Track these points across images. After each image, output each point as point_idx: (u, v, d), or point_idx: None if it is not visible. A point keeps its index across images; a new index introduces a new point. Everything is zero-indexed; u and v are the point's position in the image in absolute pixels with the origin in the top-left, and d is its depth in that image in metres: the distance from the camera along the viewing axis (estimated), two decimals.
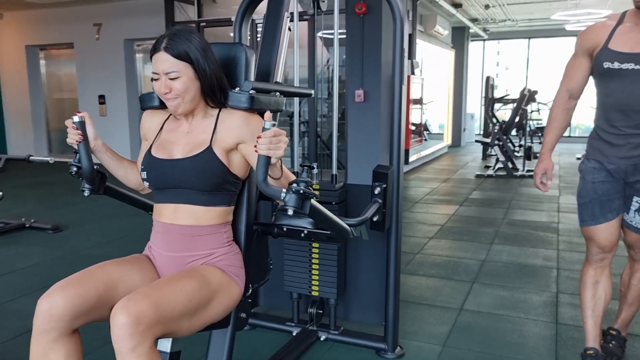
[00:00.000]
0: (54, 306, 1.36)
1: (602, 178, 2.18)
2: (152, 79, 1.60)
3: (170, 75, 1.55)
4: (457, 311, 2.98)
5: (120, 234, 4.59)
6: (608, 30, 2.09)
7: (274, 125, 1.36)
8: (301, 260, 2.56)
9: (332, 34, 3.00)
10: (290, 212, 1.43)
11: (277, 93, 1.78)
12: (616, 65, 2.03)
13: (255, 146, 1.36)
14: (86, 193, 1.74)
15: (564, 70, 2.29)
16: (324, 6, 2.50)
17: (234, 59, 1.79)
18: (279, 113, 1.88)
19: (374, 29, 6.76)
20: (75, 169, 1.72)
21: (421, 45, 8.80)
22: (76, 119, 1.63)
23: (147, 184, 1.64)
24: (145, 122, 1.75)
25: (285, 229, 1.82)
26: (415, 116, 8.67)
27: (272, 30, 2.09)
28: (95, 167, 1.71)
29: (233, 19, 7.98)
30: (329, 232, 1.77)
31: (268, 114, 1.37)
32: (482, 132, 12.46)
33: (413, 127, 8.47)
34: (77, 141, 1.63)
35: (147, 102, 1.75)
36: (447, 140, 11.37)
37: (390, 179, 2.24)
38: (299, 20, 2.39)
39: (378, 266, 2.60)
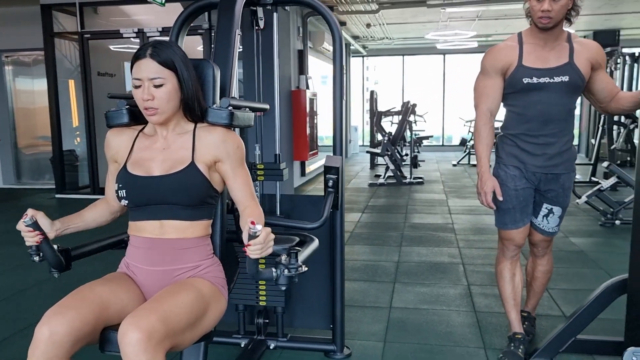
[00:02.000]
0: (55, 332, 1.30)
1: (523, 185, 2.43)
2: (133, 87, 1.58)
3: (155, 81, 1.55)
4: (387, 310, 3.19)
5: (12, 262, 4.22)
6: (516, 50, 2.36)
7: (260, 230, 1.38)
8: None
9: None
10: (283, 288, 1.55)
11: (247, 109, 1.84)
12: (534, 80, 2.30)
13: (245, 250, 1.39)
14: (57, 275, 1.64)
15: (477, 91, 2.46)
16: (261, 24, 2.58)
17: (201, 75, 1.82)
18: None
19: (269, 45, 6.93)
20: (37, 258, 1.60)
21: (311, 61, 9.12)
22: (28, 221, 1.52)
23: (126, 202, 1.61)
24: (113, 141, 1.71)
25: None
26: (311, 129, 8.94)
27: (224, 47, 2.13)
28: (57, 248, 1.61)
29: (122, 30, 7.63)
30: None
31: (253, 221, 1.37)
32: (364, 144, 13.15)
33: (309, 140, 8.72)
34: (37, 242, 1.53)
35: (115, 119, 1.71)
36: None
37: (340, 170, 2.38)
38: (192, 35, 2.42)
39: (320, 272, 2.71)
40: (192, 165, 1.60)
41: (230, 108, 1.69)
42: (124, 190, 1.60)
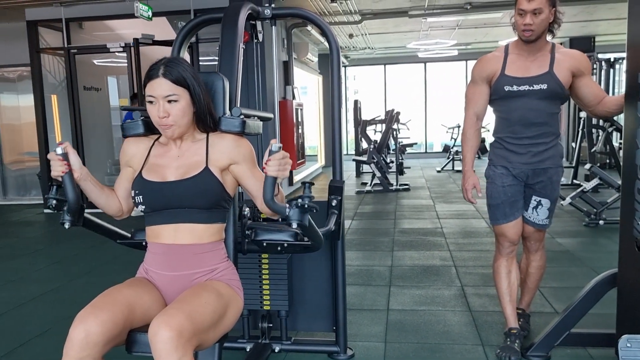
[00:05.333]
0: (91, 332, 1.36)
1: (510, 182, 2.59)
2: (147, 102, 1.66)
3: (169, 97, 1.62)
4: (385, 312, 3.28)
5: (3, 278, 4.21)
6: (500, 61, 2.55)
7: (280, 147, 1.47)
8: (251, 276, 2.67)
9: (210, 61, 3.19)
10: (294, 225, 1.59)
11: (256, 118, 1.93)
12: (515, 87, 2.49)
13: (264, 168, 1.46)
14: (67, 225, 1.69)
15: (466, 97, 2.67)
16: (260, 37, 2.67)
17: (212, 87, 1.90)
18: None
19: (262, 56, 7.02)
20: (54, 202, 1.66)
21: (296, 71, 9.24)
22: (60, 150, 1.57)
23: (143, 207, 1.68)
24: (129, 149, 1.78)
25: (265, 244, 1.95)
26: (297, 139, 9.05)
27: (229, 59, 2.21)
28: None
29: (109, 45, 7.64)
30: (307, 242, 1.94)
31: (274, 139, 1.47)
32: (348, 152, 13.25)
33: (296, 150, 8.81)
34: (63, 172, 1.57)
35: (131, 129, 1.79)
36: (321, 160, 11.95)
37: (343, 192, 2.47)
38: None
39: (321, 275, 2.79)
40: (206, 169, 1.68)
41: (242, 117, 1.77)
42: (140, 196, 1.67)
